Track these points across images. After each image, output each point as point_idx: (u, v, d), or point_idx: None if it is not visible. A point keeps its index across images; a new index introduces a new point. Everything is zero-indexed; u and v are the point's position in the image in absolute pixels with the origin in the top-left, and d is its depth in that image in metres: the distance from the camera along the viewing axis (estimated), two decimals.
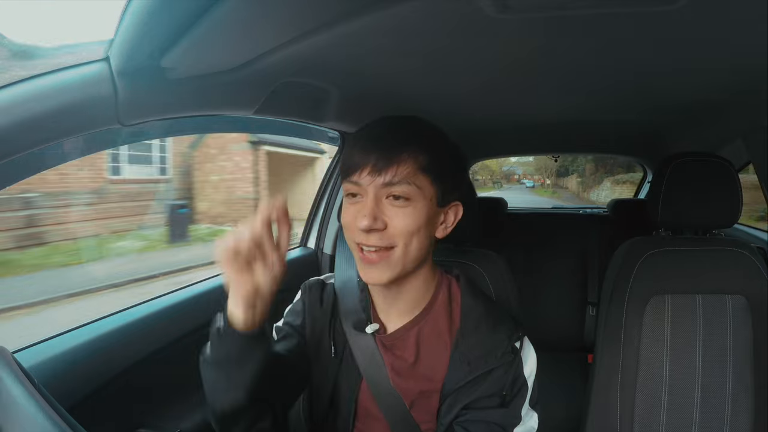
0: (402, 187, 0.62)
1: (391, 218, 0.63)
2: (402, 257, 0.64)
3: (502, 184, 20.41)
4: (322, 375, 0.75)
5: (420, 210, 0.63)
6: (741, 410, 0.97)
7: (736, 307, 0.99)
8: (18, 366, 0.47)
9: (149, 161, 8.15)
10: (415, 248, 0.64)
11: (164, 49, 0.57)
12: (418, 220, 0.63)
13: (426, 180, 0.63)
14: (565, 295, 2.08)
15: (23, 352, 0.70)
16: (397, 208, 0.63)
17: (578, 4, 0.58)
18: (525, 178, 21.10)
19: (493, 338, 0.69)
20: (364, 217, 0.61)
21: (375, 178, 0.62)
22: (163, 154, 8.33)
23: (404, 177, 0.62)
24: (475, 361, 0.68)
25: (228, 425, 0.63)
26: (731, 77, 0.88)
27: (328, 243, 1.44)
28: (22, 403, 0.43)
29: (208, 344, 0.61)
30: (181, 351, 0.90)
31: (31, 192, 5.66)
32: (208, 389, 0.62)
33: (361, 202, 0.64)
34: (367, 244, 0.63)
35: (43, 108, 0.55)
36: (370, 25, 0.63)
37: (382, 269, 0.64)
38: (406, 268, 0.66)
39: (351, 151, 0.65)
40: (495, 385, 0.67)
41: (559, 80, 0.95)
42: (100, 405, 0.74)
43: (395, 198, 0.63)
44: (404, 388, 0.70)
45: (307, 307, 0.77)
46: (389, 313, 0.73)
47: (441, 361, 0.70)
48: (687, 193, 1.03)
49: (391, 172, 0.61)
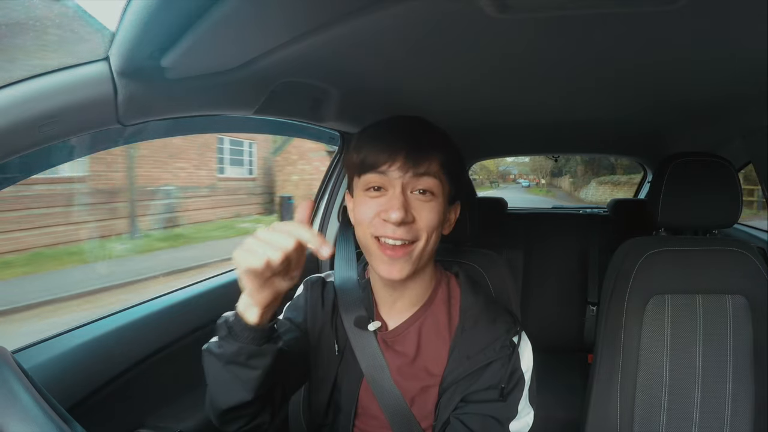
0: (430, 181, 0.64)
1: (419, 212, 0.64)
2: (422, 251, 0.65)
3: (498, 183, 20.91)
4: (323, 372, 0.75)
5: (440, 205, 0.66)
6: (741, 410, 0.97)
7: (736, 307, 0.99)
8: (18, 366, 0.47)
9: (242, 163, 10.20)
10: (433, 243, 0.66)
11: (164, 49, 0.57)
12: (439, 215, 0.65)
13: (445, 178, 0.66)
14: (565, 295, 2.08)
15: (23, 352, 0.70)
16: (423, 203, 0.64)
17: (578, 4, 0.58)
18: (521, 177, 21.47)
19: (492, 332, 0.70)
20: (396, 209, 0.62)
21: (406, 171, 0.63)
22: (250, 158, 10.43)
23: (433, 172, 0.64)
24: (475, 355, 0.69)
25: (230, 421, 0.63)
26: (731, 77, 0.88)
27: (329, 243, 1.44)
28: (22, 404, 0.43)
29: (215, 342, 0.60)
30: (181, 351, 0.90)
31: (168, 185, 7.70)
32: (214, 386, 0.62)
33: (386, 195, 0.64)
34: (394, 237, 0.63)
35: (43, 108, 0.55)
36: (370, 25, 0.63)
37: (403, 263, 0.65)
38: (422, 263, 0.67)
39: (374, 146, 0.65)
40: (493, 378, 0.68)
41: (559, 80, 0.95)
42: (100, 405, 0.74)
43: (421, 192, 0.64)
44: (405, 387, 0.71)
45: (309, 303, 0.78)
46: (391, 309, 0.74)
47: (441, 356, 0.71)
48: (687, 193, 1.03)
49: (425, 166, 0.63)
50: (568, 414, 1.31)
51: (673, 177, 1.03)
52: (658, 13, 0.60)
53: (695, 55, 0.77)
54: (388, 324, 0.74)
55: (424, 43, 0.72)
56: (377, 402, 0.71)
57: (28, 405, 0.43)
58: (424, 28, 0.65)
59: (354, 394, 0.73)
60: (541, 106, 1.22)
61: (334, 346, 0.74)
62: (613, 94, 1.08)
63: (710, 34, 0.67)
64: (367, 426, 0.74)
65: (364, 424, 0.75)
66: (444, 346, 0.72)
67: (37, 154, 0.59)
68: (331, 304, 0.77)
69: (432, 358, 0.72)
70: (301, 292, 0.81)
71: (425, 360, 0.72)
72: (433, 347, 0.72)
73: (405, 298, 0.73)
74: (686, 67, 0.84)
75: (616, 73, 0.90)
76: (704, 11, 0.59)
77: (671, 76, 0.90)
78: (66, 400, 0.68)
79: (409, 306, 0.73)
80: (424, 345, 0.72)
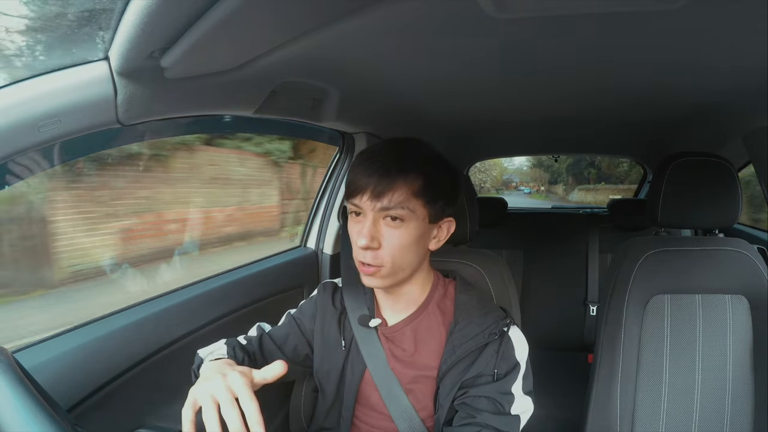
0: (396, 211, 0.70)
1: (386, 237, 0.71)
2: (391, 272, 0.72)
3: (503, 190, 23.68)
4: (329, 365, 0.82)
5: (412, 229, 0.71)
6: (741, 410, 0.97)
7: (736, 307, 0.99)
8: (18, 366, 0.47)
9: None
10: (405, 262, 0.73)
11: (164, 49, 0.57)
12: (408, 239, 0.71)
13: (419, 203, 0.71)
14: (565, 295, 2.08)
15: (23, 352, 0.70)
16: (392, 229, 0.71)
17: (578, 4, 0.58)
18: (522, 185, 24.81)
19: (484, 323, 0.76)
20: (362, 236, 0.70)
21: (374, 202, 0.70)
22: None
23: (399, 203, 0.70)
24: (466, 342, 0.75)
25: None
26: (731, 77, 0.88)
27: (328, 243, 1.44)
28: (23, 404, 0.43)
29: (200, 363, 0.67)
30: (181, 351, 0.90)
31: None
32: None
33: (362, 222, 0.72)
34: (363, 260, 0.72)
35: (43, 108, 0.55)
36: (370, 25, 0.63)
37: (377, 278, 0.73)
38: (399, 277, 0.74)
39: (355, 172, 0.72)
40: (487, 363, 0.74)
41: (559, 80, 0.95)
42: (100, 405, 0.74)
43: (392, 219, 0.71)
44: (402, 372, 0.78)
45: (319, 304, 0.87)
46: (391, 310, 0.82)
47: (437, 351, 0.78)
48: (687, 193, 1.03)
49: (388, 198, 0.69)
50: (568, 414, 1.30)
51: (673, 177, 1.03)
52: (658, 13, 0.60)
53: (695, 55, 0.77)
54: (388, 322, 0.81)
55: (423, 43, 0.73)
56: (377, 392, 0.78)
57: (29, 405, 0.43)
58: (424, 28, 0.66)
59: (355, 385, 0.80)
60: (541, 106, 1.22)
61: (341, 342, 0.82)
62: (613, 94, 1.08)
63: (710, 34, 0.67)
64: (367, 417, 0.81)
65: (365, 415, 0.81)
66: (440, 343, 0.78)
67: (37, 154, 0.59)
68: (340, 305, 0.85)
69: (429, 353, 0.78)
70: (315, 293, 0.90)
71: (422, 355, 0.78)
72: (430, 344, 0.78)
73: (402, 302, 0.80)
74: (686, 66, 0.84)
75: (616, 73, 0.90)
76: (704, 11, 0.59)
77: (671, 76, 0.90)
78: (66, 400, 0.69)
79: (406, 307, 0.81)
80: (420, 342, 0.79)
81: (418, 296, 0.80)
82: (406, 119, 1.26)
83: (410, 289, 0.79)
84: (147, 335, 0.85)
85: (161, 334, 0.88)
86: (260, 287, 1.16)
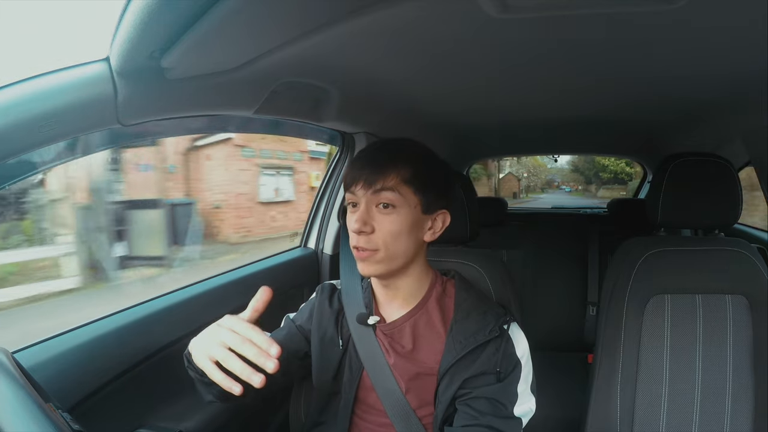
0: (389, 195, 0.73)
1: (379, 223, 0.73)
2: (384, 257, 0.74)
3: (547, 189, 26.89)
4: (327, 364, 0.82)
5: (404, 216, 0.73)
6: (741, 410, 0.97)
7: (736, 307, 0.99)
8: (18, 366, 0.47)
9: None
10: (399, 249, 0.74)
11: (164, 49, 0.57)
12: (401, 225, 0.73)
13: (408, 190, 0.74)
14: (565, 294, 2.08)
15: (23, 352, 0.70)
16: (384, 215, 0.73)
17: (578, 4, 0.58)
18: (563, 184, 28.10)
19: (483, 320, 0.77)
20: (355, 221, 0.73)
21: (366, 189, 0.73)
22: None
23: (389, 188, 0.73)
24: (466, 339, 0.76)
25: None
26: (731, 77, 0.88)
27: (328, 243, 1.44)
28: (23, 404, 0.43)
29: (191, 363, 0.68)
30: (181, 351, 0.90)
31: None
32: (199, 389, 0.73)
33: (358, 211, 0.75)
34: (357, 245, 0.74)
35: (43, 108, 0.55)
36: (370, 25, 0.63)
37: (371, 264, 0.75)
38: (393, 265, 0.75)
39: (351, 168, 0.77)
40: (488, 362, 0.74)
41: (559, 80, 0.95)
42: (100, 405, 0.74)
43: (384, 206, 0.73)
44: (401, 368, 0.78)
45: (317, 305, 0.87)
46: (389, 307, 0.82)
47: (437, 349, 0.77)
48: (687, 193, 1.03)
49: (380, 184, 0.73)
50: (568, 414, 1.30)
51: (673, 177, 1.03)
52: (658, 13, 0.60)
53: (695, 55, 0.77)
54: (386, 319, 0.81)
55: (424, 43, 0.73)
56: (375, 391, 0.78)
57: (29, 405, 0.43)
58: (424, 27, 0.66)
59: (354, 384, 0.80)
60: (541, 105, 1.22)
61: (339, 341, 0.82)
62: (612, 94, 1.08)
63: (710, 33, 0.67)
64: (365, 414, 0.81)
65: (363, 413, 0.81)
66: (440, 340, 0.78)
67: (37, 154, 0.59)
68: (337, 305, 0.86)
69: (428, 351, 0.78)
70: (314, 295, 0.90)
71: (421, 353, 0.78)
72: (429, 341, 0.78)
73: (400, 297, 0.80)
74: (686, 66, 0.84)
75: (616, 73, 0.90)
76: (704, 11, 0.59)
77: (671, 75, 0.90)
78: (66, 400, 0.68)
79: (404, 304, 0.80)
80: (419, 339, 0.79)
81: (416, 291, 0.80)
82: (406, 119, 1.26)
83: (407, 282, 0.79)
84: (147, 335, 0.85)
85: (161, 334, 0.88)
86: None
